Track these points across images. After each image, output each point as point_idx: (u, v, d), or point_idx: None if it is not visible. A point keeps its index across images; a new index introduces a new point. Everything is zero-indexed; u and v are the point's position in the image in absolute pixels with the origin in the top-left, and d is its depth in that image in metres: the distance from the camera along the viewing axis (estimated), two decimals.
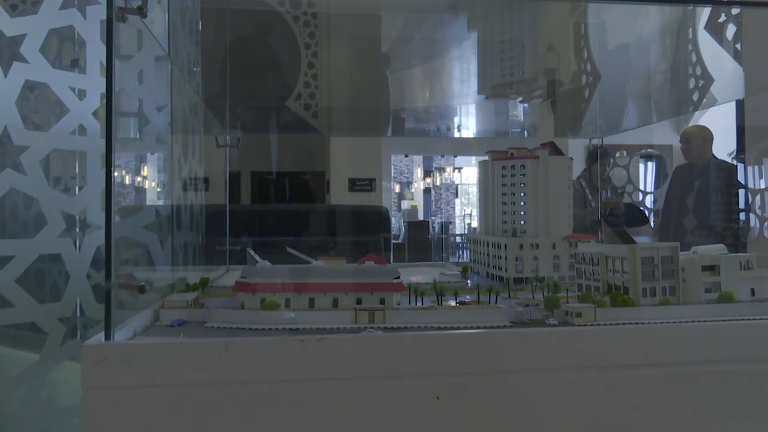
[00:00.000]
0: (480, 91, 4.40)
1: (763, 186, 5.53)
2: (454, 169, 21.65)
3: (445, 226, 19.74)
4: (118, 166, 4.21)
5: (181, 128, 5.13)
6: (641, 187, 10.38)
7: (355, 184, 11.95)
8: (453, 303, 2.92)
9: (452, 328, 2.25)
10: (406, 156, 20.99)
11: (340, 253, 7.78)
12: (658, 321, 2.33)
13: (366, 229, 7.92)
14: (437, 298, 2.91)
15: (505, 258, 3.95)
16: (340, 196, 11.61)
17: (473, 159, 21.83)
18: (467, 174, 22.14)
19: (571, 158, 4.24)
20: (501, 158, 4.32)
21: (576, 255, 3.11)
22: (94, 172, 3.86)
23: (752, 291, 2.71)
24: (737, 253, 2.84)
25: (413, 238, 16.75)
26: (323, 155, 12.44)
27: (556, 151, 4.23)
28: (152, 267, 4.44)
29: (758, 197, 5.55)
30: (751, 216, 5.83)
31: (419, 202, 21.97)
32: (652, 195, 9.66)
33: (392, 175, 21.44)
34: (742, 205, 6.26)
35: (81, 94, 3.94)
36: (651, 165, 10.53)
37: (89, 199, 3.81)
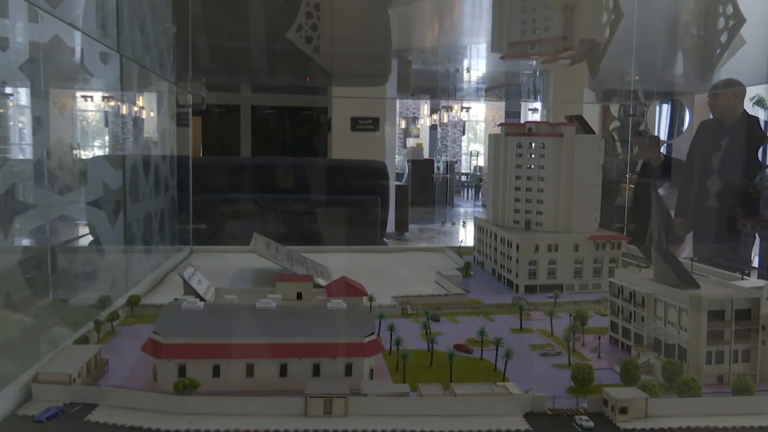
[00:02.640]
0: (494, 48, 3.58)
1: None
2: (462, 107, 20.64)
3: (451, 166, 18.96)
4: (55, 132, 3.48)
5: (136, 82, 4.33)
6: (659, 135, 9.53)
7: (357, 124, 11.09)
8: (451, 348, 2.23)
9: None
10: (413, 95, 19.95)
11: (330, 216, 7.05)
12: (733, 426, 1.64)
13: (362, 186, 7.19)
14: (428, 342, 2.22)
15: (517, 261, 3.24)
16: (341, 136, 10.81)
17: (482, 102, 20.83)
18: (475, 111, 21.16)
19: (603, 137, 3.46)
20: (516, 133, 3.53)
21: (611, 284, 2.39)
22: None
23: None
24: None
25: (417, 179, 16.03)
26: (325, 92, 11.51)
27: (585, 127, 3.44)
28: (98, 254, 3.74)
29: None
30: None
31: (425, 138, 21.08)
32: (667, 144, 8.83)
33: (398, 110, 20.49)
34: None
35: (2, 43, 3.15)
36: (667, 109, 9.60)
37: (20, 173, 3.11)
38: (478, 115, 22.36)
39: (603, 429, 1.62)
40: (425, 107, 22.14)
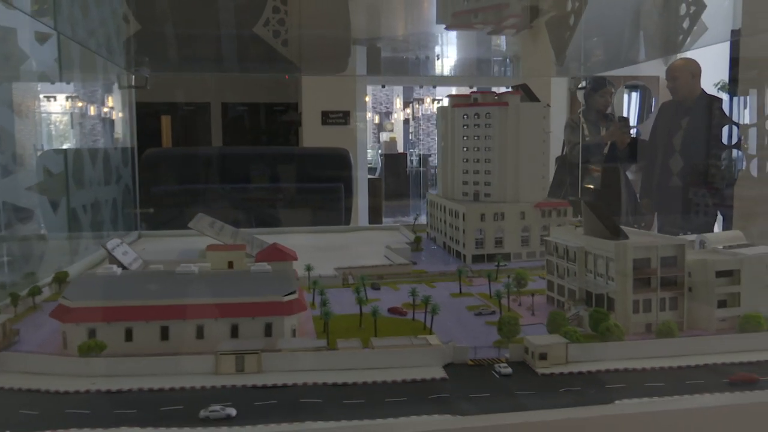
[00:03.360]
0: (439, 20, 3.54)
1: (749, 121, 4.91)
2: (434, 100, 20.64)
3: (424, 159, 18.92)
4: None
5: (78, 65, 4.23)
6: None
7: (328, 118, 11.02)
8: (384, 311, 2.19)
9: (355, 384, 1.52)
10: (383, 87, 19.89)
11: (292, 204, 6.99)
12: (652, 367, 1.62)
13: (324, 175, 7.12)
14: (358, 303, 2.17)
15: (463, 231, 3.21)
16: (312, 130, 10.74)
17: (453, 90, 20.73)
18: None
19: (548, 105, 3.44)
20: (462, 104, 3.50)
21: (547, 243, 2.37)
22: None
23: None
24: (761, 248, 2.12)
25: (390, 173, 15.97)
26: (295, 87, 11.41)
27: (530, 96, 3.42)
28: (39, 239, 3.65)
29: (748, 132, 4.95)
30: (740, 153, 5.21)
31: (399, 132, 21.05)
32: (636, 129, 8.91)
33: (371, 105, 20.41)
34: (732, 142, 5.61)
35: None
36: (635, 96, 9.71)
37: None
38: None
39: (521, 375, 1.59)
40: (398, 101, 22.09)
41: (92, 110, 4.84)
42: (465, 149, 3.48)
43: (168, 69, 5.04)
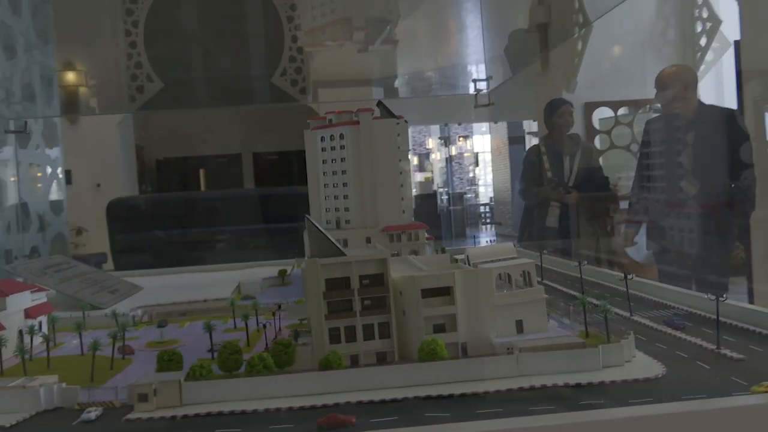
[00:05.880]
0: (299, 39, 3.36)
1: None
2: (459, 137, 20.39)
3: (459, 197, 18.59)
4: None
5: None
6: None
7: None
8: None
9: None
10: (406, 122, 19.80)
11: (258, 243, 6.82)
12: (266, 408, 1.31)
13: (293, 213, 6.97)
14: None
15: None
16: None
17: (483, 126, 20.44)
18: (479, 141, 20.85)
19: (404, 121, 3.17)
20: (319, 126, 3.28)
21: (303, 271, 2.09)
22: None
23: (520, 324, 1.64)
24: (514, 259, 1.78)
25: (422, 212, 15.75)
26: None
27: (387, 112, 3.16)
28: None
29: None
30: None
31: (436, 172, 20.87)
32: None
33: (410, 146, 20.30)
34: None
35: None
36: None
37: None
38: (484, 146, 22.10)
39: (106, 421, 1.32)
40: (430, 141, 22.00)
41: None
42: (324, 174, 3.24)
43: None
